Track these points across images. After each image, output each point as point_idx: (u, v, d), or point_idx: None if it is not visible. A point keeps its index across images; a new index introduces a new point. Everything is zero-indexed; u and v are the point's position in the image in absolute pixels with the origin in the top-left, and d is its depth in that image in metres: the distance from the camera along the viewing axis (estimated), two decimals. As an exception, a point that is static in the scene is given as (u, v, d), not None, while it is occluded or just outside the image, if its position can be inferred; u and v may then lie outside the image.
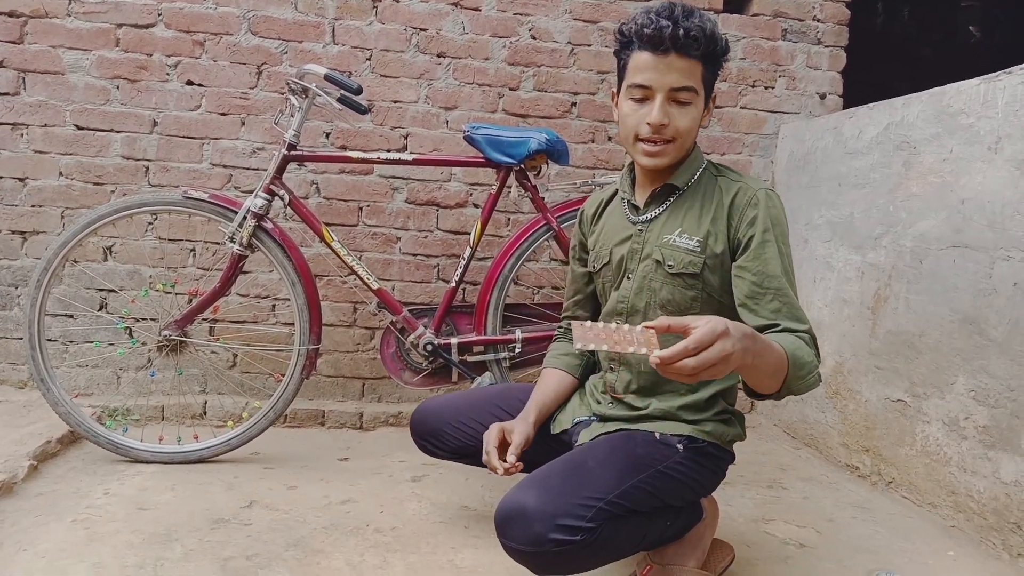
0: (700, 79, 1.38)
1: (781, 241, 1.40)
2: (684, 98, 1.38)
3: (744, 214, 1.40)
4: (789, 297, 1.36)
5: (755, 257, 1.38)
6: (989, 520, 1.80)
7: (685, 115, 1.39)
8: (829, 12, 2.93)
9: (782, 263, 1.38)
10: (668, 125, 1.38)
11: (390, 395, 2.82)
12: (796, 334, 1.31)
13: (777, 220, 1.41)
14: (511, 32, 2.77)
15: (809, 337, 1.33)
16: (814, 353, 1.31)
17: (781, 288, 1.36)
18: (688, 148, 1.46)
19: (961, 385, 1.90)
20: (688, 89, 1.37)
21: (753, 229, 1.39)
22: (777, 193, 1.44)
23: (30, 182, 2.61)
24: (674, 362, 1.01)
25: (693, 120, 1.40)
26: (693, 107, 1.39)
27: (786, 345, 1.23)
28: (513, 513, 1.25)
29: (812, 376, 1.27)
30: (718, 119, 2.91)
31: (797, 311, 1.36)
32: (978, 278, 1.86)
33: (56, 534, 1.67)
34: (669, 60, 1.35)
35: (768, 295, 1.36)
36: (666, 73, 1.35)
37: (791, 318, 1.35)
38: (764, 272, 1.37)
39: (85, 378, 2.68)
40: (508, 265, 2.33)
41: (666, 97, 1.37)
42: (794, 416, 2.70)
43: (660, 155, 1.41)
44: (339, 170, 2.73)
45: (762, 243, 1.38)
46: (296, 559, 1.61)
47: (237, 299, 2.71)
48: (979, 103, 1.89)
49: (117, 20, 2.59)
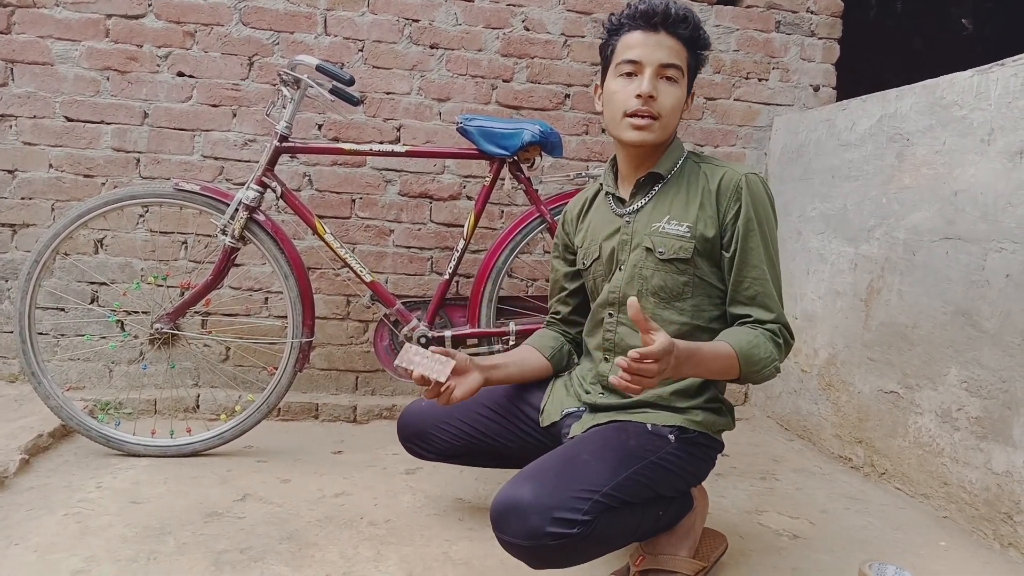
0: (686, 63, 1.45)
1: (766, 226, 1.45)
2: (671, 75, 1.43)
3: (730, 199, 1.45)
4: (765, 284, 1.44)
5: (738, 244, 1.44)
6: (981, 511, 1.82)
7: (671, 93, 1.44)
8: (823, 4, 2.93)
9: (765, 249, 1.44)
10: (656, 99, 1.42)
11: (384, 388, 2.81)
12: (764, 325, 1.41)
13: (761, 204, 1.45)
14: (504, 23, 2.76)
15: (777, 327, 1.42)
16: (778, 344, 1.41)
17: (759, 276, 1.44)
18: (670, 132, 1.49)
19: (954, 376, 1.91)
20: (675, 67, 1.43)
21: (738, 215, 1.44)
22: (762, 176, 1.48)
23: (19, 174, 2.59)
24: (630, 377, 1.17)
25: (678, 100, 1.45)
26: (678, 87, 1.45)
27: (741, 344, 1.36)
28: (509, 507, 1.25)
29: (768, 369, 1.39)
30: (712, 111, 2.91)
31: (769, 299, 1.44)
32: (971, 270, 1.86)
33: (48, 528, 1.66)
34: (659, 37, 1.41)
35: (746, 282, 1.44)
36: (656, 49, 1.41)
37: (762, 307, 1.44)
38: (744, 260, 1.44)
39: (77, 371, 2.67)
40: (502, 257, 2.33)
41: (655, 72, 1.42)
42: (787, 408, 2.71)
43: (647, 129, 1.44)
44: (332, 162, 2.71)
45: (746, 231, 1.44)
46: (290, 552, 1.61)
47: (229, 292, 2.69)
48: (972, 95, 1.89)
49: (107, 10, 2.57)
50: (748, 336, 1.39)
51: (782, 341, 1.43)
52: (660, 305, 1.49)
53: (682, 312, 1.48)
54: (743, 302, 1.45)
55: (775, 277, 1.46)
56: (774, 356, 1.40)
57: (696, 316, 1.48)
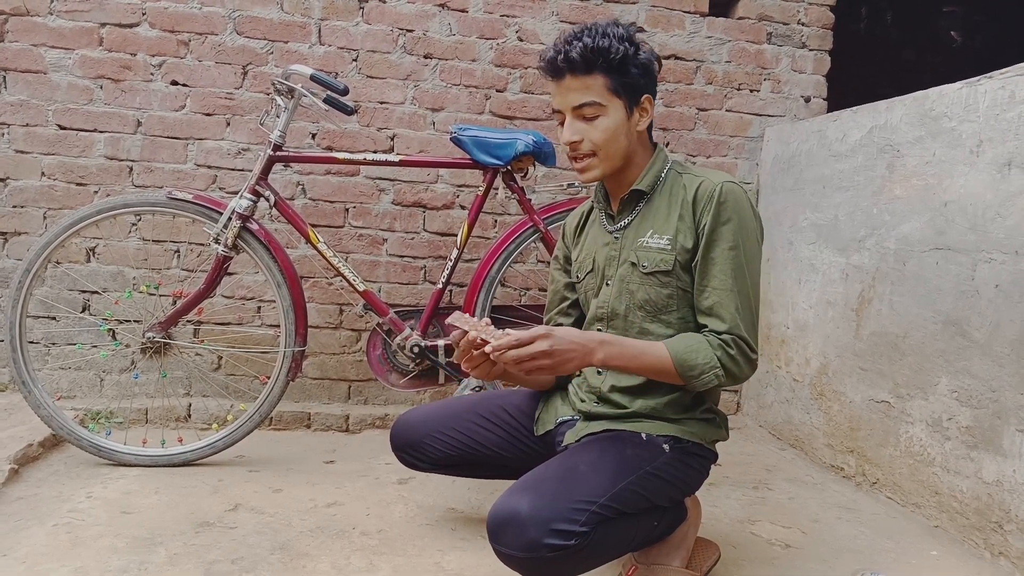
0: (604, 90, 1.43)
1: (738, 236, 1.42)
2: (589, 113, 1.44)
3: (703, 208, 1.44)
4: (723, 295, 1.42)
5: (702, 253, 1.43)
6: (971, 520, 1.82)
7: (595, 128, 1.44)
8: (814, 16, 2.96)
9: (733, 260, 1.42)
10: (582, 141, 1.44)
11: (376, 397, 2.81)
12: (719, 336, 1.40)
13: (735, 213, 1.43)
14: (498, 34, 2.77)
15: (730, 338, 1.40)
16: (729, 354, 1.39)
17: (718, 287, 1.42)
18: (622, 156, 1.48)
19: (944, 386, 1.92)
20: (589, 104, 1.43)
21: (708, 224, 1.43)
22: (740, 185, 1.46)
23: (11, 182, 2.58)
24: (502, 351, 1.26)
25: (607, 130, 1.44)
26: (605, 117, 1.44)
27: (678, 348, 1.38)
28: (507, 519, 1.25)
29: (706, 375, 1.38)
30: (704, 122, 2.93)
31: (724, 310, 1.41)
32: (960, 280, 1.88)
33: (37, 539, 1.65)
34: (566, 83, 1.44)
35: (705, 292, 1.44)
36: (566, 95, 1.44)
37: (718, 317, 1.42)
38: (705, 270, 1.43)
39: (68, 380, 2.65)
40: (495, 267, 2.33)
41: (573, 116, 1.44)
42: (779, 417, 2.71)
43: (587, 169, 1.48)
44: (325, 171, 2.71)
45: (709, 240, 1.43)
46: (282, 562, 1.60)
47: (222, 301, 2.69)
48: (961, 107, 1.91)
49: (100, 19, 2.57)
50: (690, 340, 1.40)
51: (734, 351, 1.39)
52: (647, 319, 1.49)
53: (669, 325, 1.48)
54: (703, 311, 1.44)
55: (741, 288, 1.41)
56: (714, 364, 1.38)
57: (683, 328, 1.48)
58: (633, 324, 1.50)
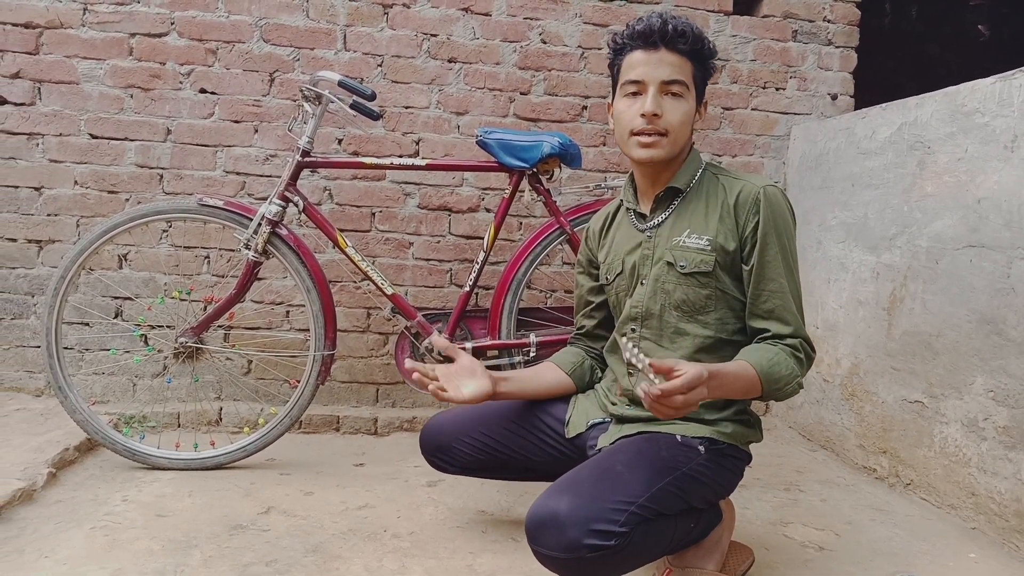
0: (690, 76, 1.45)
1: (785, 238, 1.45)
2: (676, 90, 1.43)
3: (749, 212, 1.44)
4: (784, 297, 1.43)
5: (757, 257, 1.43)
6: (1011, 522, 1.79)
7: (677, 108, 1.44)
8: (839, 13, 2.93)
9: (784, 262, 1.44)
10: (661, 116, 1.43)
11: (404, 400, 2.82)
12: (784, 340, 1.41)
13: (780, 216, 1.45)
14: (521, 36, 2.78)
15: (796, 341, 1.41)
16: (799, 359, 1.41)
17: (777, 290, 1.43)
18: (682, 145, 1.48)
19: (980, 385, 1.89)
20: (679, 82, 1.43)
21: (757, 228, 1.43)
22: (780, 188, 1.47)
23: (46, 191, 2.63)
24: (670, 395, 1.16)
25: (685, 115, 1.45)
26: (685, 101, 1.44)
27: (761, 363, 1.36)
28: (546, 519, 1.25)
29: (790, 386, 1.39)
30: (729, 121, 2.91)
31: (788, 312, 1.43)
32: (995, 278, 1.85)
33: (76, 541, 1.67)
34: (660, 55, 1.42)
35: (764, 295, 1.44)
36: (657, 67, 1.42)
37: (781, 320, 1.43)
38: (762, 274, 1.44)
39: (101, 386, 2.70)
40: (521, 269, 2.33)
41: (658, 90, 1.42)
42: (810, 418, 2.68)
43: (654, 146, 1.45)
44: (352, 176, 2.74)
45: (764, 244, 1.43)
46: (315, 565, 1.61)
47: (252, 305, 2.72)
48: (994, 102, 1.88)
49: (130, 29, 2.61)
50: (768, 353, 1.38)
51: (803, 356, 1.42)
52: (683, 319, 1.49)
53: (706, 325, 1.48)
54: (762, 316, 1.44)
55: (794, 290, 1.45)
56: (795, 372, 1.39)
57: (720, 329, 1.48)
58: (668, 324, 1.50)
